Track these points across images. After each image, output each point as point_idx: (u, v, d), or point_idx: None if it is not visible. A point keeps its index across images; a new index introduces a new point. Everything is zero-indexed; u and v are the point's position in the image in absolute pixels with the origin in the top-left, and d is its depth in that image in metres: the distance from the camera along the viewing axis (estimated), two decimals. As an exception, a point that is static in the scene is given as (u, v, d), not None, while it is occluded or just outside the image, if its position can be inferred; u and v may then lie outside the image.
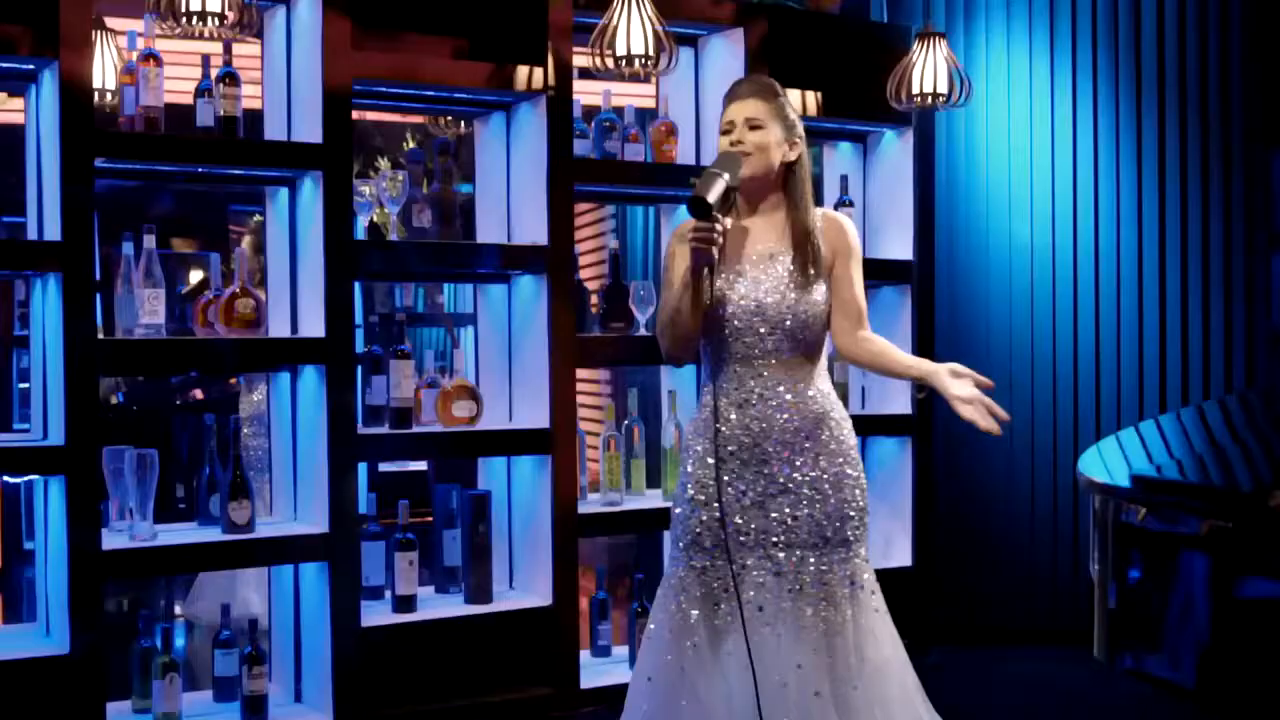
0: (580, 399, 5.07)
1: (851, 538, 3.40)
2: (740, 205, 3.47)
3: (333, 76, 4.40)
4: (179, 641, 4.58)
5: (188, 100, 4.45)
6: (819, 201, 5.76)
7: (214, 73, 4.39)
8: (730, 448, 3.40)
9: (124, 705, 4.36)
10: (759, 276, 3.41)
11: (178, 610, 5.32)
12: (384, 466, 6.10)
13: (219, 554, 4.35)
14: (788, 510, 3.37)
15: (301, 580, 4.58)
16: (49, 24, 4.02)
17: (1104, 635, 2.77)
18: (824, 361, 3.50)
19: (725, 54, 5.22)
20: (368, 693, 4.49)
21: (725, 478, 3.39)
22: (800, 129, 3.48)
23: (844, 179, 5.64)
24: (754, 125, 3.40)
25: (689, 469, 3.46)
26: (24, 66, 4.19)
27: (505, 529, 5.00)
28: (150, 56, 4.28)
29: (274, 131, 4.66)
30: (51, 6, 4.02)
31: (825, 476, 3.39)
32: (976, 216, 6.01)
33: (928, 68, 5.18)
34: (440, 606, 4.77)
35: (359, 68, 4.48)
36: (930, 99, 5.20)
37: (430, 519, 5.25)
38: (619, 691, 4.81)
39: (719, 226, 3.26)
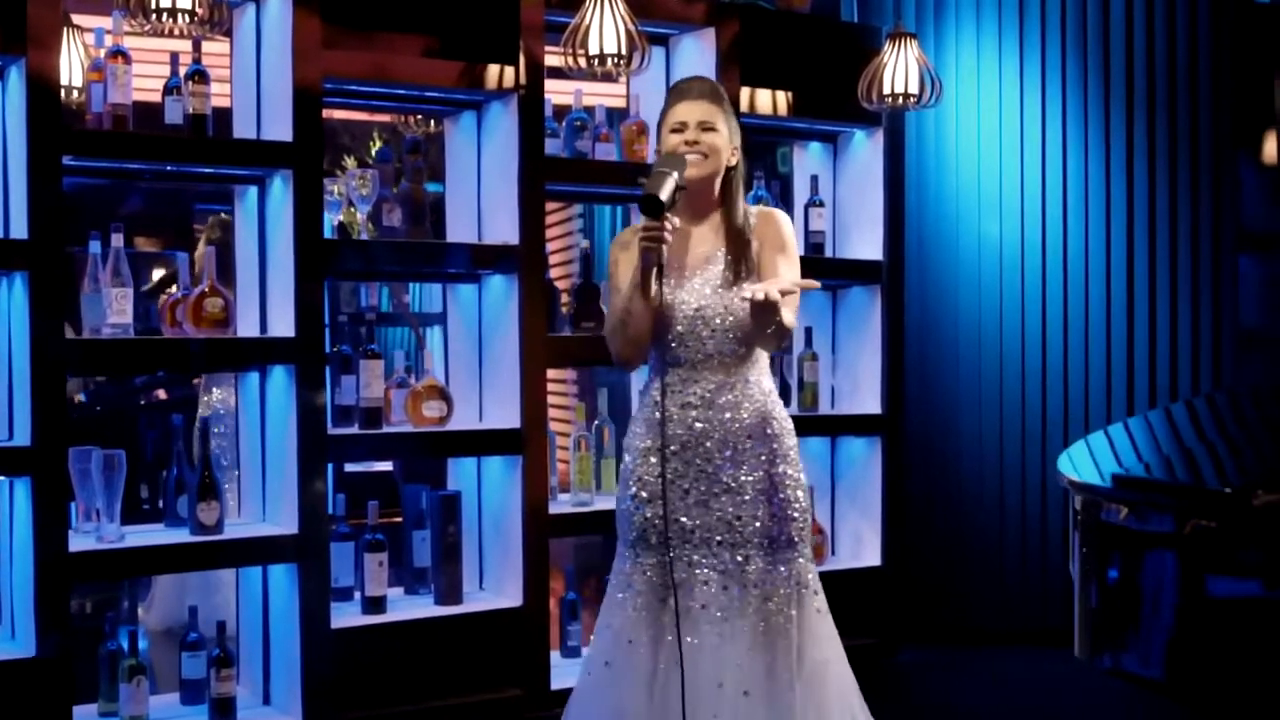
0: (548, 399, 5.05)
1: (796, 538, 3.43)
2: (681, 209, 3.44)
3: (303, 75, 4.37)
4: (145, 644, 4.53)
5: (154, 98, 4.41)
6: (789, 203, 5.79)
7: (183, 71, 4.35)
8: (673, 447, 3.41)
9: (91, 709, 4.31)
10: (699, 281, 3.43)
11: (140, 614, 5.27)
12: (349, 467, 6.06)
13: (187, 555, 4.31)
14: (731, 510, 3.39)
15: (270, 582, 4.55)
16: (16, 20, 3.97)
17: (1085, 635, 2.77)
18: (765, 360, 3.50)
19: (697, 53, 5.22)
20: (337, 694, 4.46)
21: (669, 476, 3.40)
22: (740, 131, 3.51)
23: (814, 179, 5.64)
24: (707, 127, 3.42)
25: (631, 466, 3.48)
26: (-10, 63, 4.15)
27: (475, 530, 4.98)
28: (119, 54, 4.24)
29: (243, 130, 4.63)
30: (19, 3, 3.97)
31: (768, 477, 3.41)
32: (946, 216, 6.02)
33: (899, 68, 5.18)
34: (410, 608, 4.75)
35: (329, 66, 4.45)
36: (901, 99, 5.21)
37: (397, 519, 5.23)
38: (590, 692, 4.83)
39: (668, 225, 3.26)
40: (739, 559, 3.37)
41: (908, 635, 5.78)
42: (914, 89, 5.20)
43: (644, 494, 3.43)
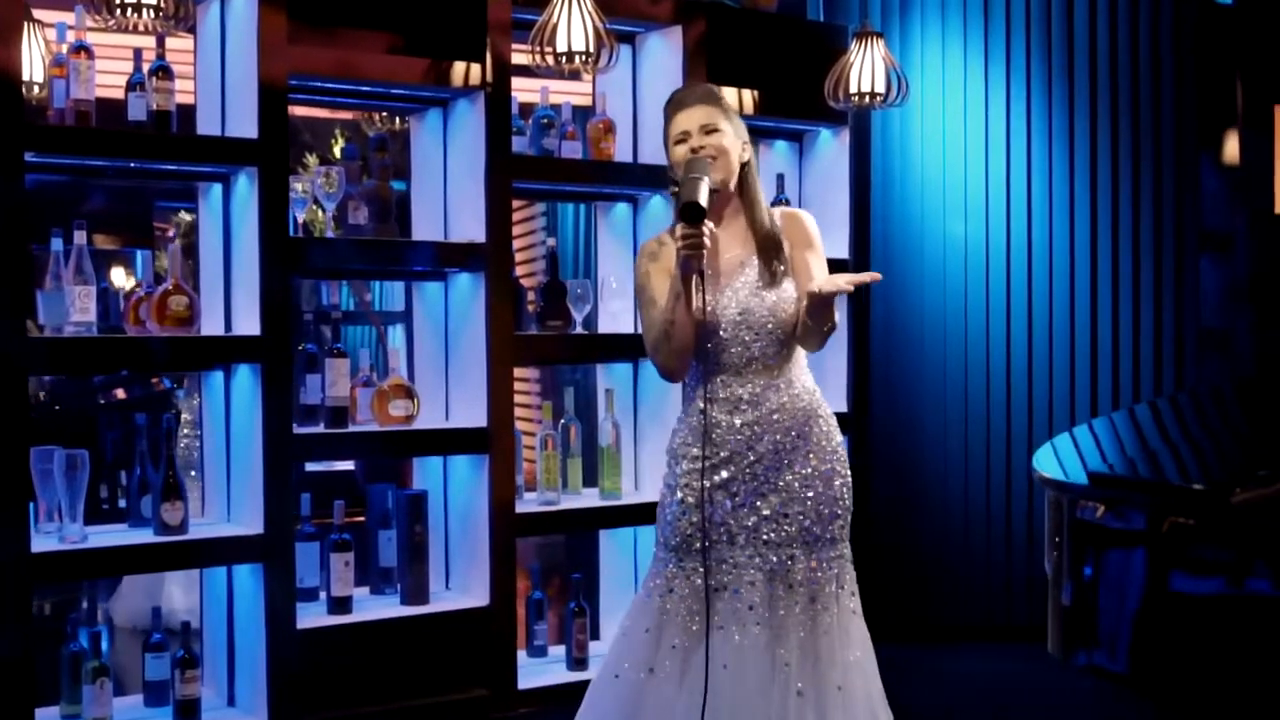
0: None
1: (839, 536, 3.42)
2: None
3: (269, 71, 4.33)
4: (108, 644, 4.49)
5: (117, 95, 4.37)
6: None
7: (146, 67, 4.31)
8: (723, 452, 3.39)
9: (53, 711, 4.26)
10: (738, 285, 3.40)
11: (100, 613, 5.22)
12: (309, 466, 6.03)
13: (152, 556, 4.27)
14: (779, 508, 3.37)
15: (235, 582, 4.51)
16: (-23, 15, 3.93)
17: (1058, 632, 2.77)
18: (805, 359, 3.50)
19: (663, 52, 5.21)
20: (303, 695, 4.43)
21: (717, 479, 3.38)
22: (745, 128, 3.49)
23: (780, 178, 5.64)
24: (709, 130, 3.39)
25: (680, 472, 3.43)
26: (-50, 58, 4.09)
27: (441, 529, 4.95)
28: (81, 49, 4.20)
29: (207, 127, 4.59)
30: (-21, -2, 3.92)
31: (816, 474, 3.40)
32: (911, 215, 6.04)
33: (865, 67, 5.19)
34: (376, 608, 4.72)
35: (295, 63, 4.41)
36: (868, 98, 5.21)
37: (358, 519, 5.20)
38: (556, 692, 4.83)
39: (707, 230, 3.22)
40: (786, 558, 3.35)
41: (876, 633, 5.75)
42: (880, 88, 5.21)
43: (691, 499, 3.39)
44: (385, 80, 4.69)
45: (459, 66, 4.74)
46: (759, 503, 3.37)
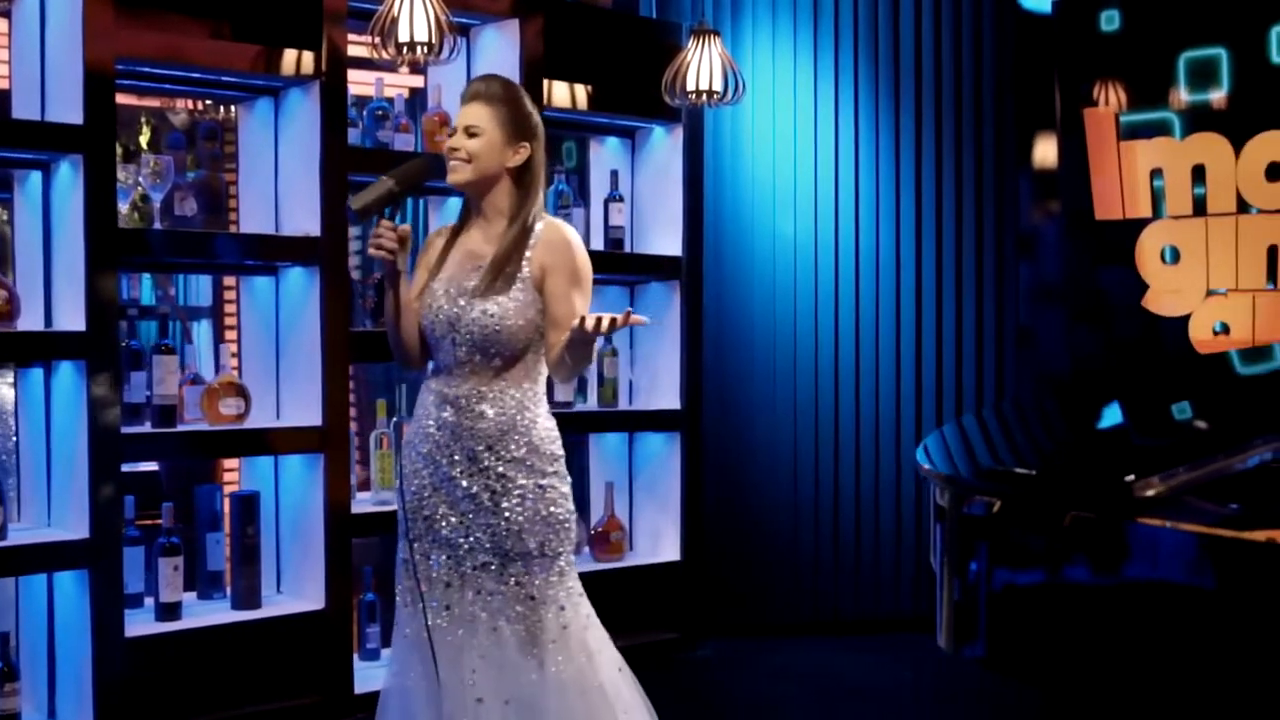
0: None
1: (534, 551, 3.35)
2: (474, 212, 3.45)
3: (95, 55, 4.14)
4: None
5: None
6: (585, 197, 5.76)
7: (-40, 47, 4.09)
8: (426, 447, 3.40)
9: None
10: (460, 287, 3.39)
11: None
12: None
13: (-31, 564, 4.06)
14: (471, 517, 3.37)
15: (56, 589, 4.31)
16: None
17: (949, 627, 2.81)
18: (527, 370, 3.40)
19: (500, 45, 5.14)
20: (130, 706, 4.24)
21: (426, 473, 3.41)
22: (534, 132, 3.41)
23: (614, 174, 5.62)
24: (472, 132, 3.37)
25: (403, 462, 3.48)
26: None
27: (272, 531, 4.81)
28: (-109, 27, 3.97)
29: (23, 112, 4.36)
30: None
31: (504, 489, 3.35)
32: (742, 213, 6.07)
33: (703, 65, 5.19)
34: (206, 613, 4.56)
35: (122, 47, 4.23)
36: (705, 96, 5.22)
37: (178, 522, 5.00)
38: (392, 697, 4.72)
39: (387, 233, 3.26)
40: (474, 566, 3.36)
41: (707, 629, 5.80)
42: (718, 86, 5.22)
43: (401, 485, 3.44)
44: (216, 67, 4.53)
45: (291, 55, 4.60)
46: (455, 507, 3.38)
